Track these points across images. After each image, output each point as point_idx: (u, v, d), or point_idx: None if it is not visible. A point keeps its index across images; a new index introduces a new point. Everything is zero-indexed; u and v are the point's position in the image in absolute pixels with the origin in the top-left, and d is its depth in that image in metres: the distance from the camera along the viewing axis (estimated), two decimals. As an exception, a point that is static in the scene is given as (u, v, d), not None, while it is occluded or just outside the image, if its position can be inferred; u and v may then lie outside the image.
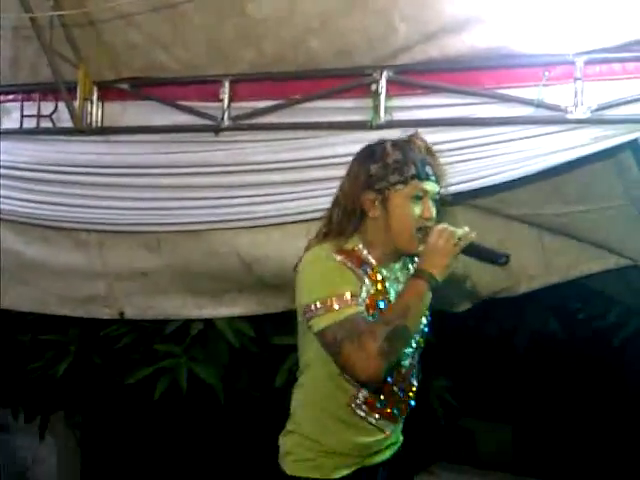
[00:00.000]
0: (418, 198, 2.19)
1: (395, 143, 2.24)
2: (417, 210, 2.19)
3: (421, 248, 2.18)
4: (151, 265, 3.59)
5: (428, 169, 2.21)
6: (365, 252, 2.22)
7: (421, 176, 2.18)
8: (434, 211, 2.22)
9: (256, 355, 3.95)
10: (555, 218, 3.21)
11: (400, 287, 2.27)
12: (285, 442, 2.33)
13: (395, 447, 2.40)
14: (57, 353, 4.20)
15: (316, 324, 2.10)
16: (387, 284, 2.25)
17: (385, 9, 2.73)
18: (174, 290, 3.66)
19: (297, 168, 3.09)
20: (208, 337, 3.89)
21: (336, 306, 2.07)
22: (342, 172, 2.33)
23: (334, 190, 2.34)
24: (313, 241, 2.29)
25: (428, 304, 2.13)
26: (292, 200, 3.14)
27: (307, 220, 3.09)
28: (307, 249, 2.27)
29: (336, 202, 2.29)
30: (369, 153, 2.26)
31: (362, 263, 2.20)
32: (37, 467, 5.01)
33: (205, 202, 3.29)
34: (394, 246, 2.24)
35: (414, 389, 2.38)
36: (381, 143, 2.26)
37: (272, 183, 3.14)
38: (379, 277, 2.23)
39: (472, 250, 2.14)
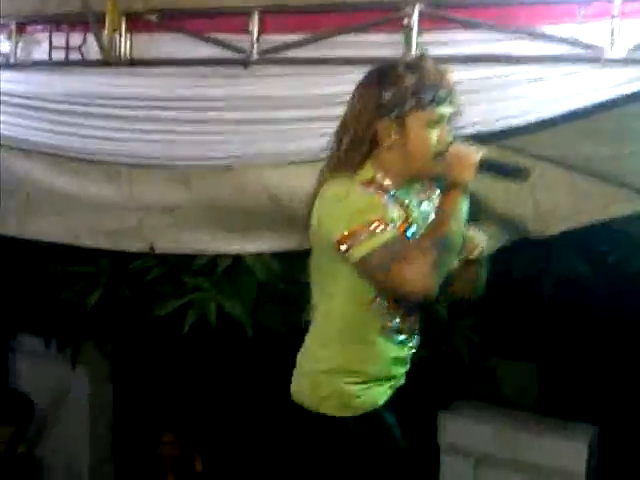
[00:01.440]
0: (435, 123, 2.15)
1: (407, 66, 2.17)
2: (435, 135, 2.15)
3: (439, 169, 2.16)
4: (181, 200, 3.59)
5: (443, 92, 2.14)
6: (384, 181, 2.19)
7: (438, 100, 2.13)
8: (451, 135, 2.19)
9: (283, 291, 3.97)
10: (587, 160, 3.15)
11: (421, 210, 2.28)
12: (320, 384, 2.31)
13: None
14: (88, 284, 4.26)
15: (357, 252, 2.06)
16: (414, 213, 2.25)
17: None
18: (204, 225, 3.66)
19: (327, 104, 3.04)
20: (236, 272, 3.90)
21: (378, 230, 2.04)
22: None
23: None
24: (326, 173, 2.25)
25: (465, 211, 2.11)
26: (321, 136, 3.08)
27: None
28: (321, 183, 2.24)
29: (344, 129, 2.23)
30: (380, 77, 2.18)
31: (385, 191, 2.18)
32: (69, 395, 5.11)
33: (234, 137, 3.26)
34: (410, 172, 2.21)
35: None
36: (391, 66, 2.19)
37: (301, 119, 3.10)
38: (405, 205, 2.22)
39: (488, 166, 2.13)
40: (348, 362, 2.29)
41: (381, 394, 2.34)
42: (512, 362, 4.68)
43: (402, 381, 2.44)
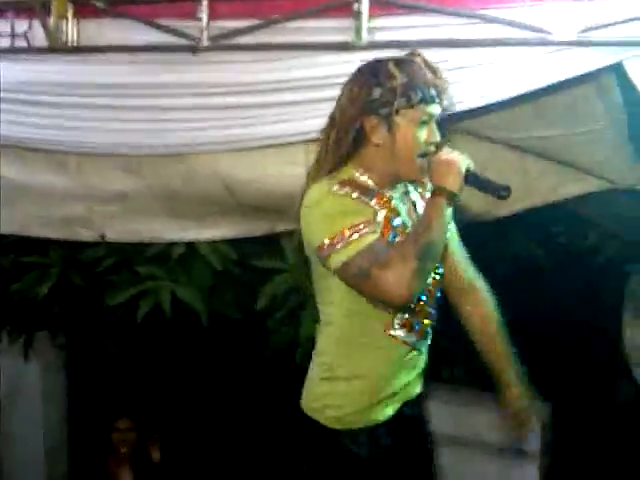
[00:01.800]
0: (424, 123, 2.11)
1: (398, 63, 2.11)
2: (423, 135, 2.12)
3: (421, 175, 2.15)
4: (132, 187, 3.56)
5: (433, 91, 2.10)
6: (364, 178, 2.16)
7: (427, 100, 2.09)
8: (438, 134, 2.15)
9: (238, 278, 3.97)
10: (537, 141, 3.19)
11: (408, 206, 2.26)
12: (320, 393, 2.29)
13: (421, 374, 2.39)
14: (38, 275, 4.20)
15: (336, 260, 2.03)
16: (394, 202, 2.21)
17: None
18: (156, 213, 3.64)
19: (277, 90, 3.03)
20: (191, 260, 3.89)
21: (355, 236, 2.01)
22: (323, 94, 2.27)
23: (315, 113, 2.30)
24: (312, 172, 2.21)
25: (449, 219, 2.08)
26: (272, 123, 3.09)
27: (287, 143, 3.07)
28: (308, 180, 2.19)
29: (332, 126, 2.18)
30: (370, 75, 2.13)
31: (365, 190, 2.14)
32: (22, 387, 5.04)
33: (185, 124, 3.22)
34: (394, 172, 2.17)
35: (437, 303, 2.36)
36: (382, 63, 2.14)
37: (252, 105, 3.08)
38: (385, 197, 2.19)
39: (473, 178, 2.11)
40: (349, 368, 2.23)
41: (380, 411, 2.27)
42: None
43: (417, 390, 2.38)
